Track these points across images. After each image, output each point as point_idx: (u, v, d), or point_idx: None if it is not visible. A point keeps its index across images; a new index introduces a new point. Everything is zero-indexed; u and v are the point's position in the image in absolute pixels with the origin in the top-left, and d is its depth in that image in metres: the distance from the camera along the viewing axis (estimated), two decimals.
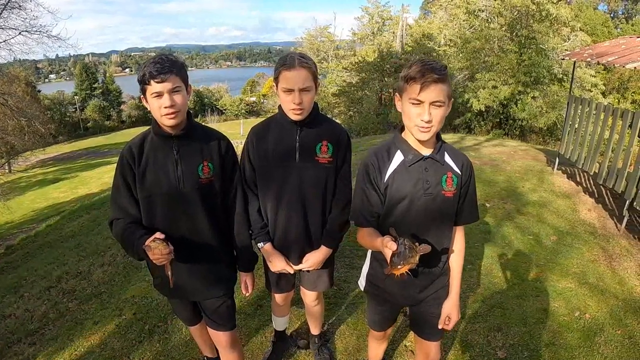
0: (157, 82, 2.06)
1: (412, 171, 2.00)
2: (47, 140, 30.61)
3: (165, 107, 2.09)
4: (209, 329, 2.67)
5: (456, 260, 2.25)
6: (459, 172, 2.05)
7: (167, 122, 2.15)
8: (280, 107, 2.47)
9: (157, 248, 1.98)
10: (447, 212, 2.08)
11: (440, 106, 1.84)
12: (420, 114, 1.85)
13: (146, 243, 2.01)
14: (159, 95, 2.09)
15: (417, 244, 1.73)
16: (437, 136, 2.03)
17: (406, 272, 1.67)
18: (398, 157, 2.03)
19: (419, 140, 1.97)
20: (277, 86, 2.39)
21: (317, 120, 2.50)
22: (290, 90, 2.30)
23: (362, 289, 2.47)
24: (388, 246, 1.71)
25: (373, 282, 2.35)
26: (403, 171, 2.01)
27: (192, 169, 2.29)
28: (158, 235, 2.01)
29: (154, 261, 2.04)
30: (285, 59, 2.33)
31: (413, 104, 1.86)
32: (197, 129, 2.37)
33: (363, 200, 2.10)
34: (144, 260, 2.24)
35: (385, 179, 2.04)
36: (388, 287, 2.25)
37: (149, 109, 2.19)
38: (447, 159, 2.04)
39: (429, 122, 1.84)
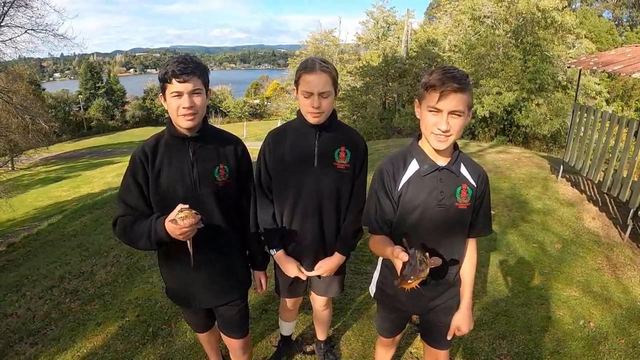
0: (179, 82, 2.04)
1: (426, 181, 1.98)
2: (51, 139, 30.61)
3: (184, 108, 2.06)
4: (222, 335, 2.66)
5: (468, 272, 2.22)
6: (474, 184, 2.02)
7: (183, 123, 2.12)
8: (299, 111, 2.47)
9: (187, 218, 1.89)
10: (460, 224, 2.05)
11: (459, 116, 1.82)
12: (437, 122, 1.83)
13: (172, 218, 1.93)
14: (179, 95, 2.06)
15: (427, 254, 1.70)
16: (455, 145, 2.01)
17: (416, 286, 1.65)
18: (413, 166, 2.01)
19: (435, 150, 1.95)
20: (297, 90, 2.40)
21: (336, 125, 2.52)
22: (310, 94, 2.31)
23: (372, 295, 2.46)
24: (399, 257, 1.69)
25: (383, 289, 2.34)
26: (417, 181, 1.99)
27: (209, 171, 2.25)
28: (182, 205, 1.93)
29: (181, 236, 1.96)
30: (307, 63, 2.35)
31: (431, 112, 1.84)
32: (212, 132, 2.34)
33: (377, 207, 2.09)
34: (161, 247, 2.18)
35: (399, 187, 2.02)
36: (398, 295, 2.23)
37: (166, 108, 2.15)
38: (463, 170, 2.02)
39: (446, 131, 1.83)
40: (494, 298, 4.24)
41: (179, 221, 1.90)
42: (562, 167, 7.81)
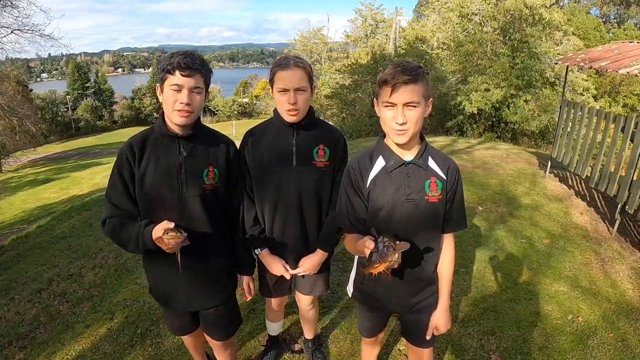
0: (183, 75, 2.00)
1: (393, 177, 1.99)
2: (39, 140, 30.47)
3: (181, 103, 2.02)
4: (206, 336, 2.64)
5: (445, 270, 2.18)
6: (444, 176, 2.02)
7: (177, 119, 2.07)
8: (275, 110, 2.46)
9: (172, 239, 1.88)
10: (432, 218, 2.04)
11: (414, 107, 1.83)
12: (394, 117, 1.84)
13: (157, 236, 1.92)
14: (179, 89, 2.02)
15: (397, 242, 1.69)
16: (421, 139, 2.02)
17: (384, 270, 1.64)
18: (379, 163, 2.02)
19: (398, 145, 1.95)
20: (272, 88, 2.38)
21: (314, 123, 2.50)
22: (285, 90, 2.29)
23: (350, 295, 2.45)
24: (366, 245, 1.69)
25: (361, 288, 2.33)
26: (384, 177, 2.00)
27: (197, 173, 2.20)
28: (166, 225, 1.91)
29: (167, 250, 1.96)
30: (281, 60, 2.34)
31: (386, 107, 1.86)
32: (205, 132, 2.29)
33: (347, 205, 2.09)
34: (146, 253, 2.17)
35: (367, 184, 2.03)
36: (377, 293, 2.22)
37: (160, 101, 2.10)
38: (431, 163, 2.02)
39: (403, 124, 1.83)
40: (482, 294, 4.26)
41: (165, 241, 1.90)
42: (550, 162, 7.87)
